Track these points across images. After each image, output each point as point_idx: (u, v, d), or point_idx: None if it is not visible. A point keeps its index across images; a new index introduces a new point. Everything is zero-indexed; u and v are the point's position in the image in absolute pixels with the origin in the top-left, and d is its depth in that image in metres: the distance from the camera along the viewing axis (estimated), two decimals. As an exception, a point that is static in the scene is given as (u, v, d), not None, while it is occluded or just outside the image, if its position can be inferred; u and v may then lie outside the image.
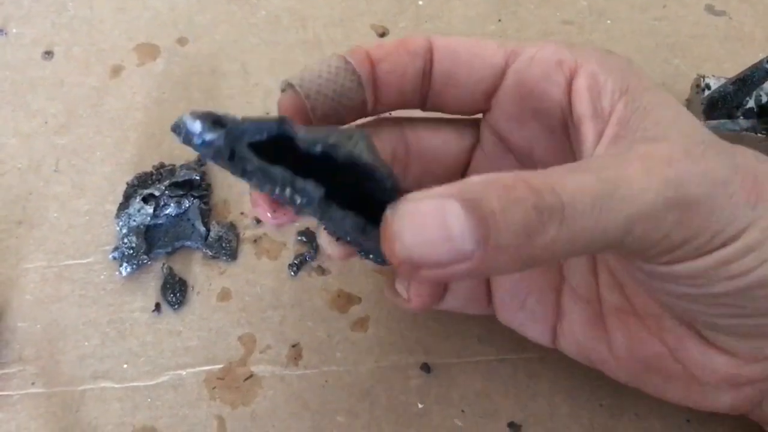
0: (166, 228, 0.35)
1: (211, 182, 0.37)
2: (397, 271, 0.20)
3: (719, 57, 0.41)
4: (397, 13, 0.43)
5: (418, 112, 0.28)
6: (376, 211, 0.20)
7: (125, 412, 0.32)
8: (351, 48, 0.25)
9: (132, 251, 0.34)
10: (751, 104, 0.36)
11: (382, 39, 0.42)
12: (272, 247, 0.36)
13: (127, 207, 0.35)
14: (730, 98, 0.35)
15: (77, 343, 0.33)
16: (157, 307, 0.34)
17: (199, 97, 0.40)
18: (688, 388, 0.26)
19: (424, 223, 0.18)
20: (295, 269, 0.35)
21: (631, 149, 0.21)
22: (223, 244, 0.35)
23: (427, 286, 0.28)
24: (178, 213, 0.35)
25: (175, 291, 0.34)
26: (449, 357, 0.33)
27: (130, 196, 0.35)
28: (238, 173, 0.21)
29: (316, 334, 0.34)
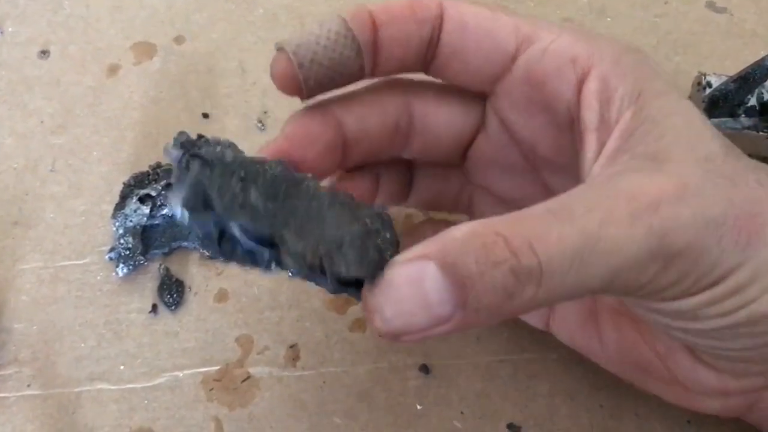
0: (162, 228, 0.35)
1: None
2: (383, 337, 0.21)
3: (721, 54, 0.41)
4: None
5: (423, 75, 0.27)
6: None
7: (122, 414, 0.32)
8: (354, 8, 0.24)
9: (128, 252, 0.34)
10: (752, 102, 0.36)
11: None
12: (270, 248, 0.35)
13: (124, 207, 0.35)
14: (732, 96, 0.35)
15: (73, 345, 0.33)
16: (154, 308, 0.34)
17: (197, 95, 0.40)
18: (677, 392, 0.26)
19: (402, 295, 0.19)
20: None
21: (623, 179, 0.20)
22: (221, 245, 0.35)
23: None
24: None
25: (172, 292, 0.34)
26: (448, 358, 0.33)
27: (127, 196, 0.35)
28: (224, 257, 0.21)
29: (314, 335, 0.33)
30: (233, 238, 0.20)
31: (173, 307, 0.34)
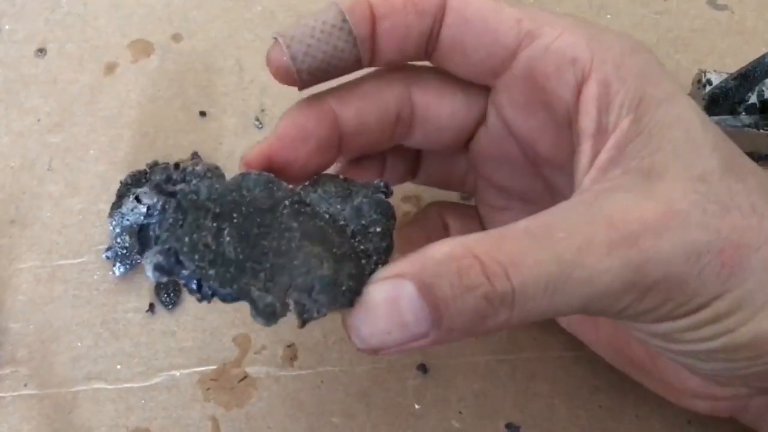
0: (159, 227, 0.35)
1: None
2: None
3: (721, 52, 0.41)
4: None
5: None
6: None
7: (119, 414, 0.32)
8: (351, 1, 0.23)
9: (125, 251, 0.34)
10: (753, 100, 0.35)
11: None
12: (267, 247, 0.35)
13: (121, 206, 0.35)
14: (732, 94, 0.35)
15: (70, 344, 0.33)
16: (151, 307, 0.34)
17: (194, 94, 0.39)
18: (666, 389, 0.27)
19: (378, 315, 0.19)
20: (291, 269, 0.34)
21: (609, 200, 0.20)
22: (218, 244, 0.35)
23: None
24: (172, 212, 0.35)
25: (169, 291, 0.34)
26: (446, 357, 0.33)
27: (124, 195, 0.35)
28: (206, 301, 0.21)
29: (312, 335, 0.33)
30: (210, 292, 0.21)
31: (170, 307, 0.34)
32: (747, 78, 0.34)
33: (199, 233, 0.21)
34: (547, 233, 0.19)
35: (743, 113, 0.35)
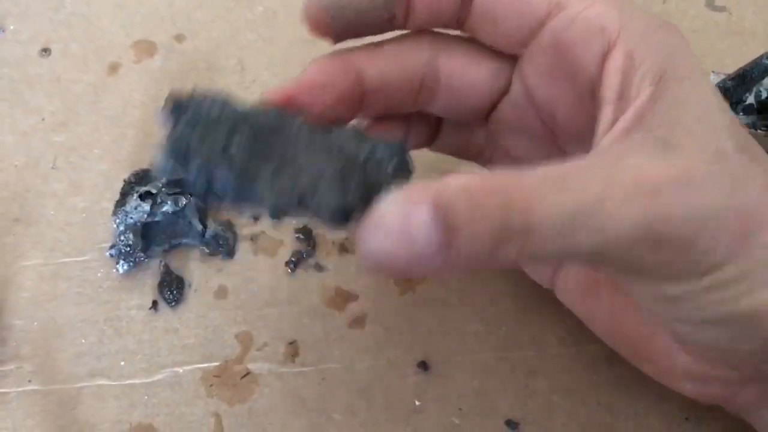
0: (163, 225, 0.35)
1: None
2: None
3: (720, 53, 0.41)
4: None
5: None
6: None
7: (122, 410, 0.32)
8: None
9: (129, 249, 0.34)
10: (750, 100, 0.36)
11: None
12: (270, 245, 0.36)
13: (124, 204, 0.35)
14: (730, 94, 0.35)
15: (74, 341, 0.33)
16: (154, 304, 0.34)
17: (197, 94, 0.40)
18: (658, 370, 0.27)
19: (388, 230, 0.19)
20: (293, 266, 0.35)
21: (629, 157, 0.20)
22: (221, 242, 0.35)
23: None
24: (175, 210, 0.35)
25: (172, 289, 0.34)
26: (447, 355, 0.33)
27: (127, 194, 0.35)
28: (215, 207, 0.21)
29: (314, 332, 0.33)
30: (219, 189, 0.21)
31: (173, 304, 0.34)
32: (745, 79, 0.34)
33: (211, 138, 0.21)
34: (568, 178, 0.19)
35: (741, 114, 0.36)
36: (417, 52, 0.26)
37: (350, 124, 0.26)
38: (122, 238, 0.34)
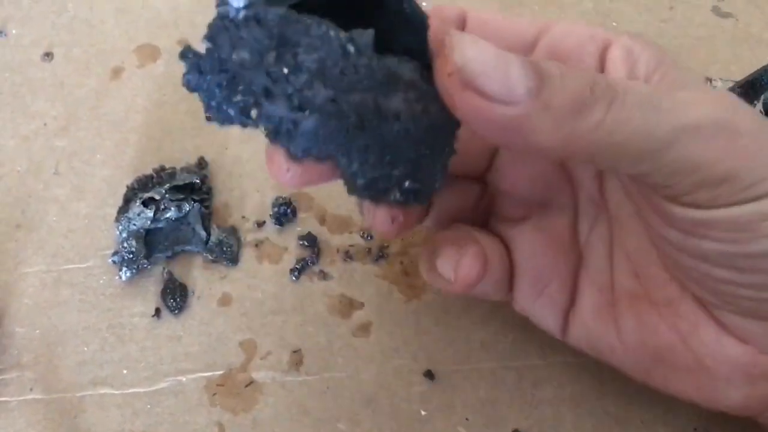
0: (166, 232, 0.35)
1: (212, 186, 0.37)
2: (447, 88, 0.20)
3: (726, 59, 0.41)
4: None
5: None
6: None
7: (125, 419, 0.31)
8: None
9: (132, 255, 0.34)
10: (759, 107, 0.36)
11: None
12: (273, 252, 0.35)
13: (127, 210, 0.35)
14: (738, 102, 0.35)
15: (76, 349, 0.33)
16: (157, 312, 0.34)
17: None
18: (698, 382, 0.25)
19: (487, 49, 0.19)
20: (297, 274, 0.34)
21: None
22: (224, 249, 0.35)
23: (476, 263, 0.27)
24: (179, 217, 0.35)
25: (176, 296, 0.34)
26: (453, 364, 0.33)
27: (130, 200, 0.35)
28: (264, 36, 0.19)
29: (318, 340, 0.33)
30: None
31: (176, 311, 0.34)
32: (753, 85, 0.34)
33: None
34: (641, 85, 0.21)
35: (749, 121, 0.35)
36: None
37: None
38: (125, 244, 0.34)
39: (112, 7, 0.42)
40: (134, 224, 0.34)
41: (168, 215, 0.35)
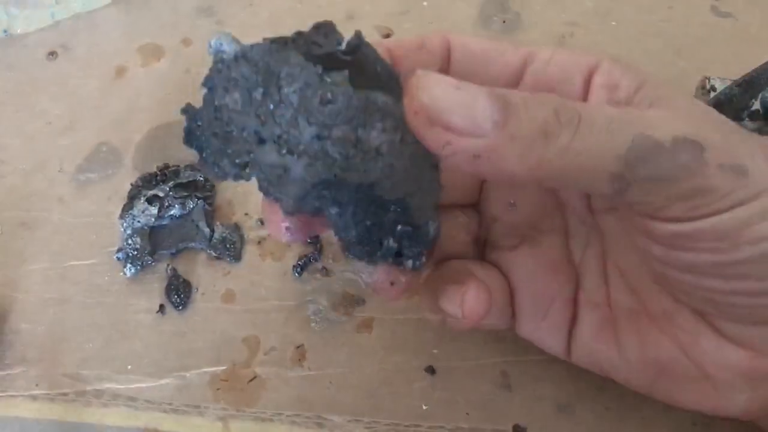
0: (170, 229, 0.35)
1: (215, 183, 0.37)
2: (416, 126, 0.20)
3: (725, 58, 0.41)
4: (401, 14, 0.43)
5: None
6: None
7: (129, 414, 0.32)
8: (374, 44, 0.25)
9: (136, 252, 0.34)
10: (756, 106, 0.36)
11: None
12: (276, 249, 0.36)
13: (132, 208, 0.35)
14: (736, 100, 0.35)
15: (81, 345, 0.33)
16: (161, 308, 0.34)
17: (203, 97, 0.40)
18: (702, 391, 0.26)
19: (451, 85, 0.19)
20: (300, 270, 0.35)
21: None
22: (228, 246, 0.35)
23: (482, 301, 0.27)
24: (183, 214, 0.35)
25: (179, 292, 0.34)
26: (454, 360, 0.33)
27: (135, 197, 0.35)
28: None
29: (321, 336, 0.33)
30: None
31: (180, 308, 0.34)
32: (751, 84, 0.34)
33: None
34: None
35: (747, 119, 0.36)
36: None
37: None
38: (129, 241, 0.34)
39: (116, 7, 0.43)
40: (138, 221, 0.35)
41: (172, 212, 0.35)
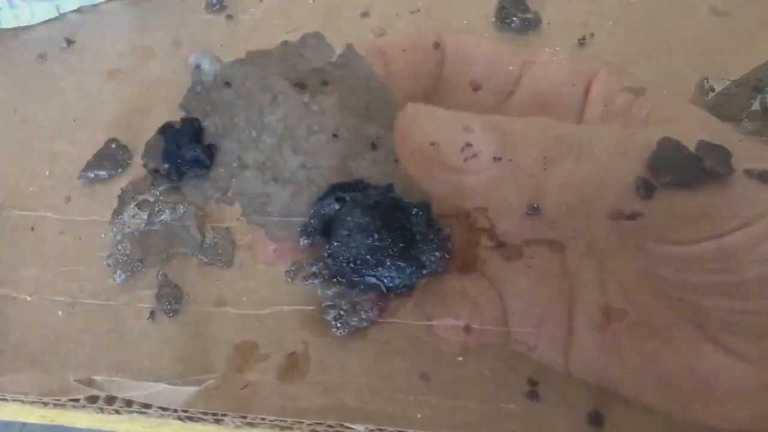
0: (161, 234, 0.35)
1: (207, 187, 0.37)
2: (409, 166, 0.20)
3: (723, 58, 0.40)
4: (395, 15, 0.43)
5: None
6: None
7: (120, 422, 0.31)
8: (365, 46, 0.25)
9: (126, 258, 0.34)
10: (755, 107, 0.35)
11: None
12: (269, 254, 0.35)
13: (122, 213, 0.35)
14: (735, 100, 0.34)
15: (71, 352, 0.33)
16: (152, 314, 0.33)
17: (195, 100, 0.39)
18: (706, 405, 0.25)
19: (447, 120, 0.19)
20: (292, 275, 0.34)
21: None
22: (219, 251, 0.34)
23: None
24: (173, 219, 0.35)
25: (170, 298, 0.33)
26: (450, 365, 0.32)
27: (125, 202, 0.35)
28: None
29: (314, 343, 0.33)
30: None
31: (171, 314, 0.33)
32: (750, 85, 0.34)
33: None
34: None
35: (746, 120, 0.35)
36: None
37: None
38: (120, 247, 0.34)
39: (106, 8, 0.42)
40: (129, 227, 0.34)
41: (162, 217, 0.34)
